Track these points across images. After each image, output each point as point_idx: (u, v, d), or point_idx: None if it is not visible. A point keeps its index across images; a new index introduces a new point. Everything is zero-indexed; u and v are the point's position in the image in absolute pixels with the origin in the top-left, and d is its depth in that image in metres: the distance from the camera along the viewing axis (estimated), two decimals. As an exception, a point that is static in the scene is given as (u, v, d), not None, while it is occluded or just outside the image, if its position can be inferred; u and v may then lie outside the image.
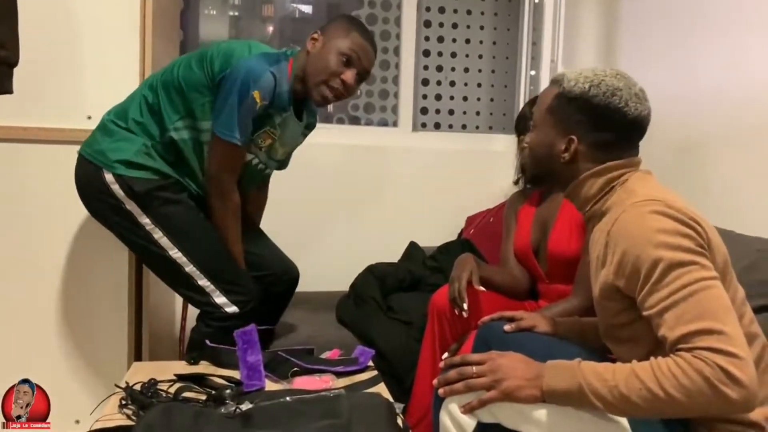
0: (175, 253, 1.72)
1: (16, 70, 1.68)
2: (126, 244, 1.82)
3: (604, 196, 1.23)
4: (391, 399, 1.35)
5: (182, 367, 1.60)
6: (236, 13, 3.28)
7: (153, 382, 1.42)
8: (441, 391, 1.18)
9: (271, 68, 1.69)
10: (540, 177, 1.34)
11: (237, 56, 1.69)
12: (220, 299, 1.73)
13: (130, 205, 1.71)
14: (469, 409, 1.15)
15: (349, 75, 1.74)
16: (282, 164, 2.05)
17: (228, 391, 1.34)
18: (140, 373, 1.53)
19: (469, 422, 1.18)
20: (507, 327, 1.35)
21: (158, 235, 1.72)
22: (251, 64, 1.67)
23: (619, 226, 1.12)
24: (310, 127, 2.01)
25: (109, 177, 1.71)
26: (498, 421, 1.17)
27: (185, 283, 1.75)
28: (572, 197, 1.29)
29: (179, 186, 1.77)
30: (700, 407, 1.00)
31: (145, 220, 1.72)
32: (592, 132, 1.22)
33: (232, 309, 1.73)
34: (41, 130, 1.92)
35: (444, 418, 1.22)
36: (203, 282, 1.73)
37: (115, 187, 1.71)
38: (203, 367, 1.62)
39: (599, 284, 1.19)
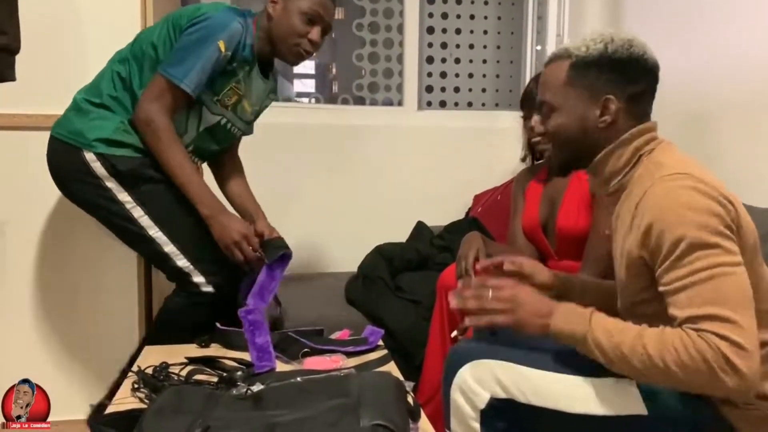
0: (156, 233, 1.70)
1: (18, 58, 1.68)
2: (104, 223, 1.79)
3: (631, 169, 1.20)
4: (401, 378, 1.36)
5: (193, 350, 1.61)
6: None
7: (164, 366, 1.43)
8: (453, 303, 1.20)
9: (239, 18, 1.70)
10: (574, 159, 1.28)
11: (204, 9, 1.70)
12: (198, 279, 1.71)
13: (111, 183, 1.69)
14: (475, 323, 1.17)
15: (314, 33, 1.75)
16: (249, 126, 1.98)
17: (239, 373, 1.35)
18: (152, 356, 1.55)
19: (482, 397, 1.18)
20: (507, 266, 1.36)
21: (138, 213, 1.70)
22: (219, 14, 1.68)
23: (648, 198, 1.11)
24: (275, 91, 2.00)
25: (89, 156, 1.68)
26: (511, 396, 1.18)
27: (164, 261, 1.73)
28: (597, 171, 1.25)
29: (156, 164, 1.72)
30: (694, 385, 1.02)
31: (126, 198, 1.69)
32: (626, 86, 1.20)
33: (207, 289, 1.72)
34: (46, 117, 1.92)
35: (455, 394, 1.23)
36: (182, 262, 1.71)
37: (96, 165, 1.69)
38: (214, 350, 1.63)
39: (625, 258, 1.17)
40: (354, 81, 2.80)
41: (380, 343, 1.72)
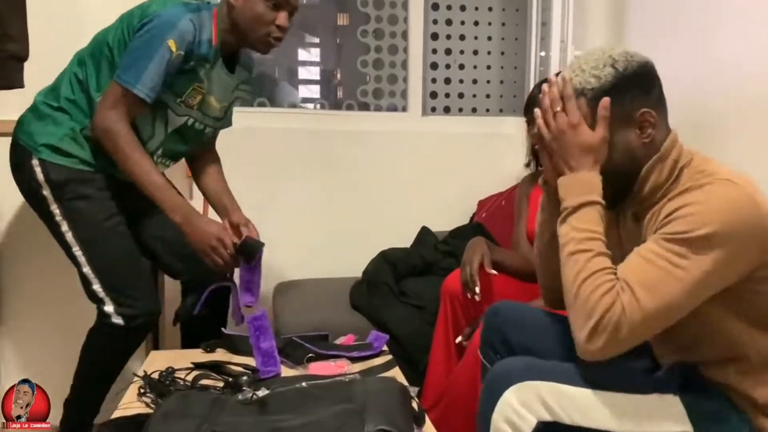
0: (77, 251, 1.66)
1: (26, 64, 1.70)
2: (50, 231, 1.73)
3: (674, 181, 1.16)
4: (405, 383, 1.36)
5: (199, 355, 1.62)
6: (243, 1, 3.26)
7: (170, 371, 1.43)
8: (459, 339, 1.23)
9: (189, 15, 1.62)
10: (625, 187, 1.21)
11: (154, 7, 1.65)
12: (108, 308, 1.64)
13: (47, 191, 1.66)
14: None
15: (282, 18, 1.68)
16: (222, 121, 1.90)
17: (244, 378, 1.35)
18: (158, 361, 1.56)
19: (529, 422, 1.11)
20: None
21: (64, 228, 1.66)
22: (168, 11, 1.61)
23: (698, 191, 1.09)
24: (249, 82, 1.94)
25: (34, 161, 1.66)
26: (557, 419, 1.12)
27: (84, 283, 1.68)
28: (641, 190, 1.19)
29: (101, 181, 1.69)
30: (569, 301, 1.09)
31: (56, 210, 1.66)
32: (647, 96, 1.18)
33: (117, 321, 1.64)
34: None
35: (499, 422, 1.13)
36: (96, 287, 1.65)
37: (38, 171, 1.65)
38: (220, 355, 1.64)
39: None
40: (358, 87, 2.81)
41: (385, 348, 1.72)
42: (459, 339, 1.80)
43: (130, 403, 1.34)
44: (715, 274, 1.05)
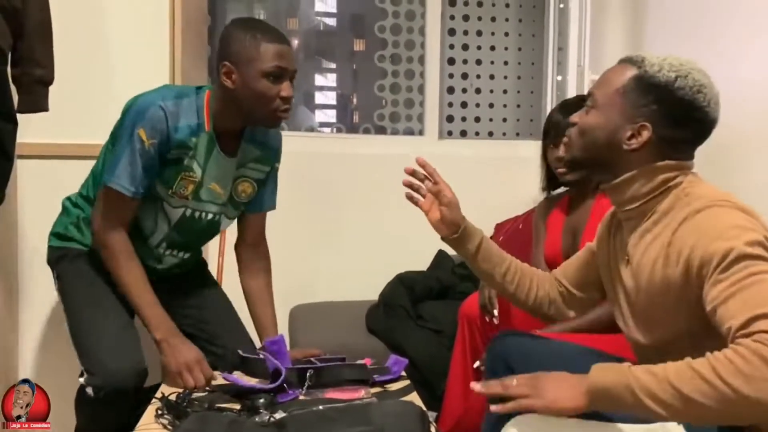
0: (65, 322, 1.63)
1: (51, 88, 1.73)
2: None
3: (657, 197, 1.17)
4: (423, 407, 1.35)
5: (216, 378, 1.61)
6: (262, 28, 3.32)
7: (188, 392, 1.43)
8: (477, 387, 1.11)
9: (163, 102, 1.52)
10: (585, 162, 1.24)
11: (133, 100, 1.58)
12: (82, 378, 1.55)
13: (54, 274, 1.71)
14: (502, 410, 1.05)
15: (286, 89, 1.54)
16: (240, 205, 1.75)
17: (262, 400, 1.35)
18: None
19: None
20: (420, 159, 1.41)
21: (62, 304, 1.67)
22: (140, 100, 1.54)
23: (690, 224, 1.08)
24: (263, 160, 1.73)
25: (48, 249, 1.72)
26: None
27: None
28: (614, 192, 1.21)
29: (93, 256, 1.65)
30: (765, 395, 0.89)
31: (58, 289, 1.69)
32: (669, 127, 1.15)
33: (89, 391, 1.51)
34: (77, 146, 1.97)
35: None
36: (78, 358, 1.59)
37: (48, 256, 1.72)
38: (237, 377, 1.63)
39: (660, 288, 1.13)
40: (375, 111, 2.83)
41: (402, 373, 1.70)
42: (477, 364, 1.78)
43: (147, 424, 1.33)
44: None
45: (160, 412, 1.35)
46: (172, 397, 1.40)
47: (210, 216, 1.69)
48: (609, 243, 1.31)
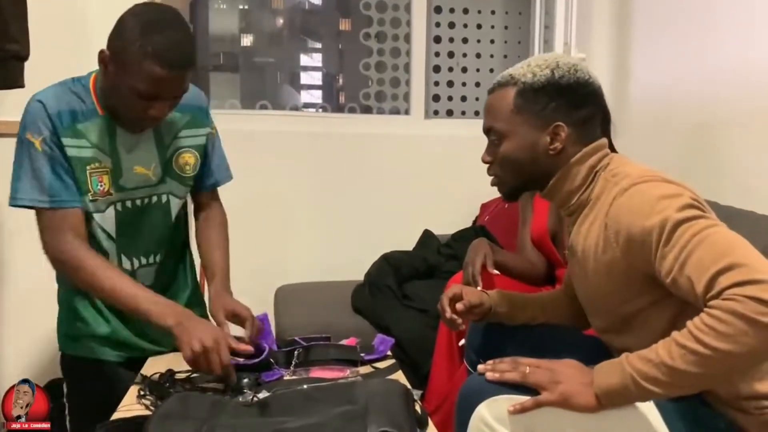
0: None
1: (27, 64, 1.69)
2: None
3: (589, 185, 1.20)
4: (408, 385, 1.34)
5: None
6: (246, 6, 3.27)
7: (171, 373, 1.41)
8: (490, 375, 1.13)
9: (40, 95, 1.37)
10: (522, 186, 1.28)
11: None
12: None
13: None
14: (520, 410, 1.07)
15: (156, 108, 1.34)
16: (186, 179, 1.55)
17: (245, 380, 1.34)
18: (157, 365, 1.53)
19: None
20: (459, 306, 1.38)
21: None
22: (26, 107, 1.38)
23: (618, 205, 1.10)
24: (194, 122, 1.54)
25: None
26: None
27: None
28: (553, 194, 1.25)
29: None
30: (751, 350, 0.92)
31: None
32: (573, 111, 1.20)
33: None
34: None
35: (478, 423, 1.12)
36: None
37: None
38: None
39: (604, 272, 1.15)
40: (361, 90, 2.80)
41: (388, 352, 1.70)
42: (462, 342, 1.79)
43: (130, 405, 1.32)
44: (705, 213, 1.05)
45: (142, 392, 1.34)
46: (155, 377, 1.39)
47: (147, 200, 1.50)
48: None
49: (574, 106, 1.20)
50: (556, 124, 1.19)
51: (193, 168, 1.56)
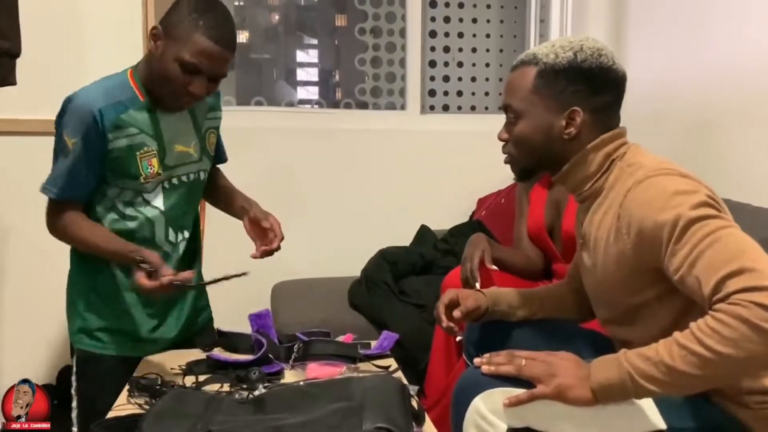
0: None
1: (19, 62, 1.68)
2: None
3: (604, 173, 1.19)
4: (405, 382, 1.34)
5: (196, 355, 1.59)
6: (241, 3, 3.25)
7: (159, 376, 1.41)
8: (486, 368, 1.13)
9: (80, 97, 1.44)
10: (535, 167, 1.27)
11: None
12: None
13: None
14: (515, 402, 1.07)
15: (196, 85, 1.42)
16: (208, 157, 1.66)
17: (255, 374, 1.33)
18: (151, 365, 1.52)
19: (499, 429, 1.10)
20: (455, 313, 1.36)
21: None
22: (66, 106, 1.46)
23: (632, 197, 1.09)
24: (215, 106, 1.67)
25: None
26: (527, 424, 1.11)
27: None
28: (566, 179, 1.24)
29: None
30: (753, 356, 0.92)
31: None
32: (592, 97, 1.18)
33: None
34: (46, 122, 1.91)
35: (470, 429, 1.13)
36: None
37: None
38: (218, 354, 1.61)
39: (613, 262, 1.14)
40: (357, 85, 2.79)
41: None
42: (459, 338, 1.78)
43: (124, 404, 1.31)
44: (720, 213, 1.04)
45: (135, 392, 1.33)
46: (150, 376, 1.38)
47: (189, 177, 1.60)
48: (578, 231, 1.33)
49: (594, 92, 1.18)
50: (572, 108, 1.17)
51: (214, 147, 1.69)
